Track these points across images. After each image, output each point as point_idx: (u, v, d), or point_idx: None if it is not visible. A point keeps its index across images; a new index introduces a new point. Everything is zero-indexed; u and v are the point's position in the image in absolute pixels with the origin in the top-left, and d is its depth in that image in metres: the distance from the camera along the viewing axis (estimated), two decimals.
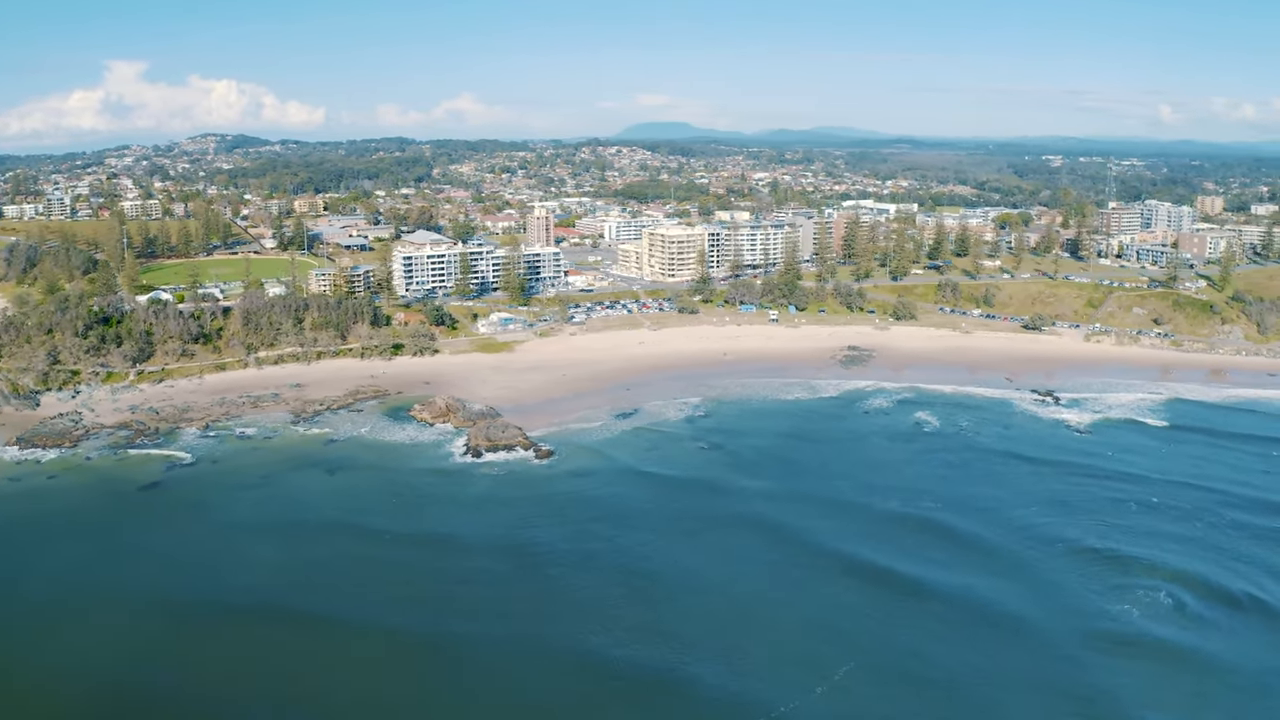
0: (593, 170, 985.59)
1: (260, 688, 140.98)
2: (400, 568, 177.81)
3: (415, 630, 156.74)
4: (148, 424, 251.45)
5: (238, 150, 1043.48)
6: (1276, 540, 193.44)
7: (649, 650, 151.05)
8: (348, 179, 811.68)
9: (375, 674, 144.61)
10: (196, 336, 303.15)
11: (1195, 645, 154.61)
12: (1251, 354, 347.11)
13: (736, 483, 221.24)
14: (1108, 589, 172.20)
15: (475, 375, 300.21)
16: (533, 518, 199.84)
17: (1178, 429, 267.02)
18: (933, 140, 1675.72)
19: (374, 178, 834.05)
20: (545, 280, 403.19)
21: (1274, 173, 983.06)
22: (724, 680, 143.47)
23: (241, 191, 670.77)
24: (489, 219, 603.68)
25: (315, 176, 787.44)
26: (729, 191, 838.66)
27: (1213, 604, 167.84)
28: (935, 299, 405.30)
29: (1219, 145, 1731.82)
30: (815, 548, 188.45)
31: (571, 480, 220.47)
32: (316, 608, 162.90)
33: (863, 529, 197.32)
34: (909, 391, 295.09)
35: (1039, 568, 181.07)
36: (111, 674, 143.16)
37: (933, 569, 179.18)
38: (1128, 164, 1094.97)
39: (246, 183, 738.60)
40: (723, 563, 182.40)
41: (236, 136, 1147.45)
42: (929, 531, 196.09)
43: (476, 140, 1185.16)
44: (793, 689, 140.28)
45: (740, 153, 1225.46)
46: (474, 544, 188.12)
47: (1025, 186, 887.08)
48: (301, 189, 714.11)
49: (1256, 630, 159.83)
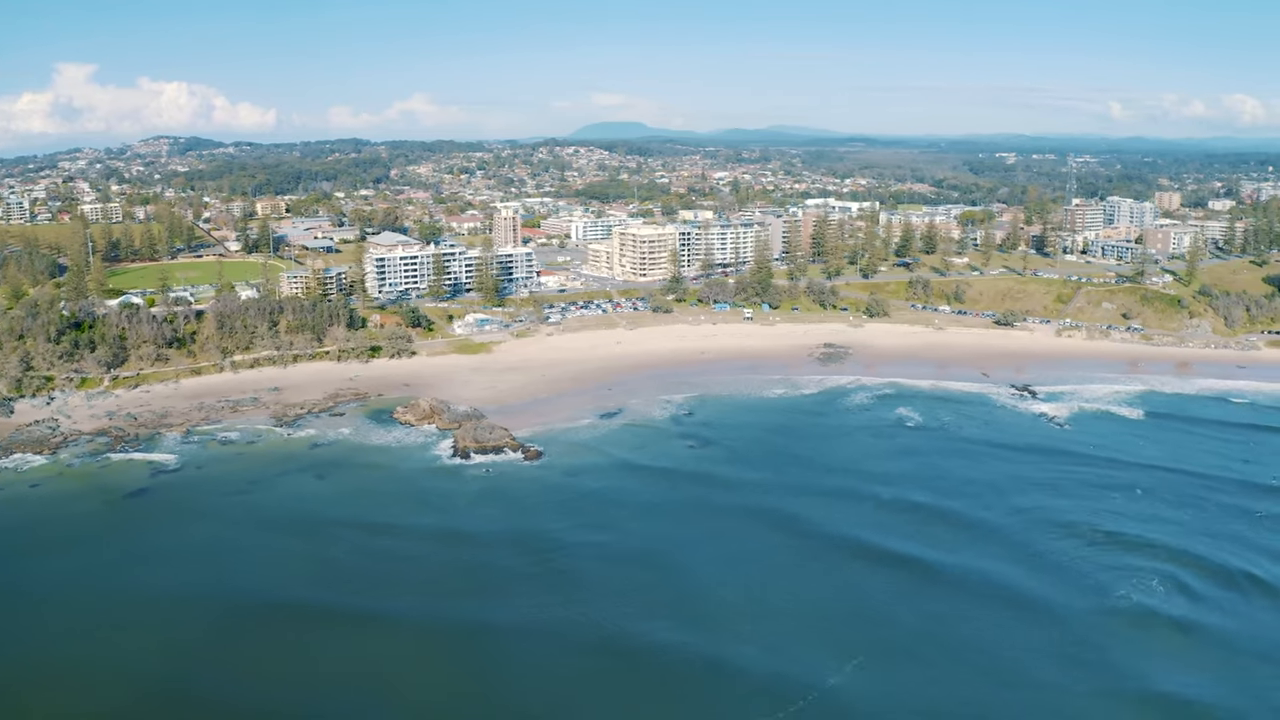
0: (551, 171, 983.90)
1: (302, 682, 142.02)
2: (416, 561, 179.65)
3: (445, 621, 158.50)
4: (127, 430, 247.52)
5: (191, 152, 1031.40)
6: (1264, 521, 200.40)
7: (682, 635, 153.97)
8: (306, 181, 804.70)
9: (410, 664, 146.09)
10: (170, 341, 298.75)
11: (1201, 620, 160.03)
12: (1220, 347, 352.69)
13: (732, 476, 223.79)
14: (1110, 567, 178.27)
15: (455, 377, 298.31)
16: (537, 512, 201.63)
17: (1156, 418, 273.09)
18: (887, 138, 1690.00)
19: (332, 179, 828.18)
20: (518, 281, 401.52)
21: (1226, 169, 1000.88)
22: (760, 661, 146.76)
23: (200, 194, 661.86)
24: (454, 220, 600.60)
25: (273, 178, 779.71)
26: (690, 191, 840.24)
27: (1213, 581, 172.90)
28: (906, 296, 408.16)
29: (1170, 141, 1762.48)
30: (822, 534, 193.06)
31: (567, 478, 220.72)
32: (344, 602, 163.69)
33: (864, 516, 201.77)
34: (888, 387, 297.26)
35: (1040, 548, 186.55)
36: (156, 673, 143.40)
37: (939, 551, 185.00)
38: (1081, 160, 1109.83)
39: (204, 185, 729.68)
40: (734, 550, 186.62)
41: (189, 139, 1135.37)
42: (929, 517, 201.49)
43: (432, 141, 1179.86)
44: (826, 668, 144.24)
45: (697, 152, 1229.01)
46: (485, 538, 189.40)
47: (983, 184, 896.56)
48: (260, 191, 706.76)
49: (1258, 606, 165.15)
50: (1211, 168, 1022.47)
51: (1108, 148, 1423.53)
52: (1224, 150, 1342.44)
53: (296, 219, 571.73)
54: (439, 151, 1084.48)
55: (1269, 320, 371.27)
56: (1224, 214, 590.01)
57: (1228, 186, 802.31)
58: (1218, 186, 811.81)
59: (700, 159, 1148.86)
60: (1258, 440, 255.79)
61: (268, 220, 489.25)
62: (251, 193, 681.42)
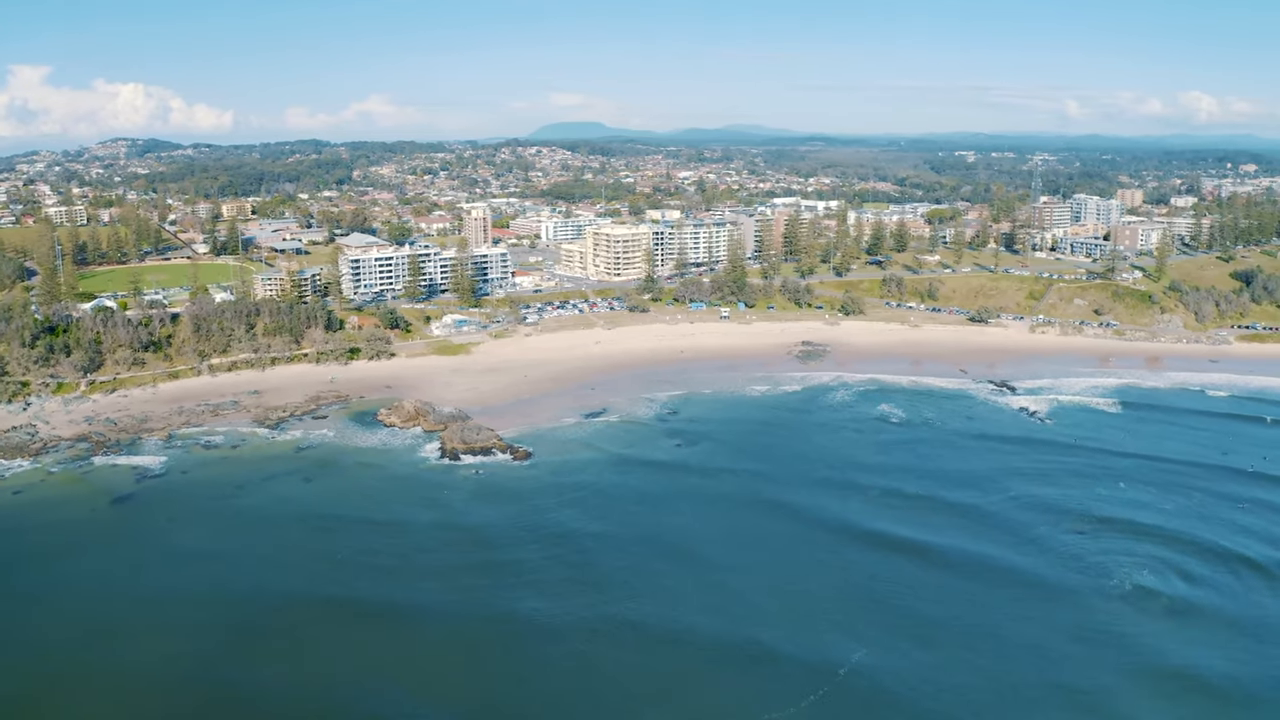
0: (515, 171, 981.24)
1: (339, 675, 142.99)
2: (427, 556, 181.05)
3: (470, 612, 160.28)
4: (107, 435, 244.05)
5: (150, 154, 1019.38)
6: (1248, 505, 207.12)
7: (706, 619, 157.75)
8: (268, 182, 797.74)
9: (443, 655, 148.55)
10: (147, 344, 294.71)
11: (1200, 599, 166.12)
12: (1192, 342, 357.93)
13: (727, 470, 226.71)
14: (1107, 551, 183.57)
15: (436, 378, 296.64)
16: (539, 506, 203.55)
17: (1134, 411, 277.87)
18: (846, 137, 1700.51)
19: (295, 181, 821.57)
20: (493, 281, 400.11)
21: (1185, 166, 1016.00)
22: (787, 642, 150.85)
23: (163, 196, 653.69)
24: (423, 221, 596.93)
25: (235, 180, 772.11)
26: (655, 190, 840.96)
27: (1207, 563, 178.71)
28: (880, 294, 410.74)
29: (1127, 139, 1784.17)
30: (824, 522, 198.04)
31: (561, 475, 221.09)
32: (365, 597, 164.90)
33: (863, 504, 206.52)
34: (869, 384, 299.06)
35: (1037, 533, 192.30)
36: (196, 669, 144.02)
37: (941, 536, 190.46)
38: (1041, 158, 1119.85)
39: (165, 187, 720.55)
40: (741, 537, 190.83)
41: (148, 141, 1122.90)
42: (926, 505, 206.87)
43: (393, 142, 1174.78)
44: (849, 647, 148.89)
45: (659, 152, 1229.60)
46: (491, 532, 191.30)
47: (946, 183, 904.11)
48: (222, 193, 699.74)
49: (1251, 585, 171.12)
50: (1170, 165, 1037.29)
51: (1065, 146, 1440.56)
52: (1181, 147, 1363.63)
53: (263, 221, 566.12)
54: (400, 152, 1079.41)
55: (1238, 315, 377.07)
56: (1187, 211, 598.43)
57: (1189, 184, 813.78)
58: (1178, 184, 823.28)
59: (662, 159, 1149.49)
60: (1234, 430, 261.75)
61: (235, 222, 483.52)
62: (213, 195, 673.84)
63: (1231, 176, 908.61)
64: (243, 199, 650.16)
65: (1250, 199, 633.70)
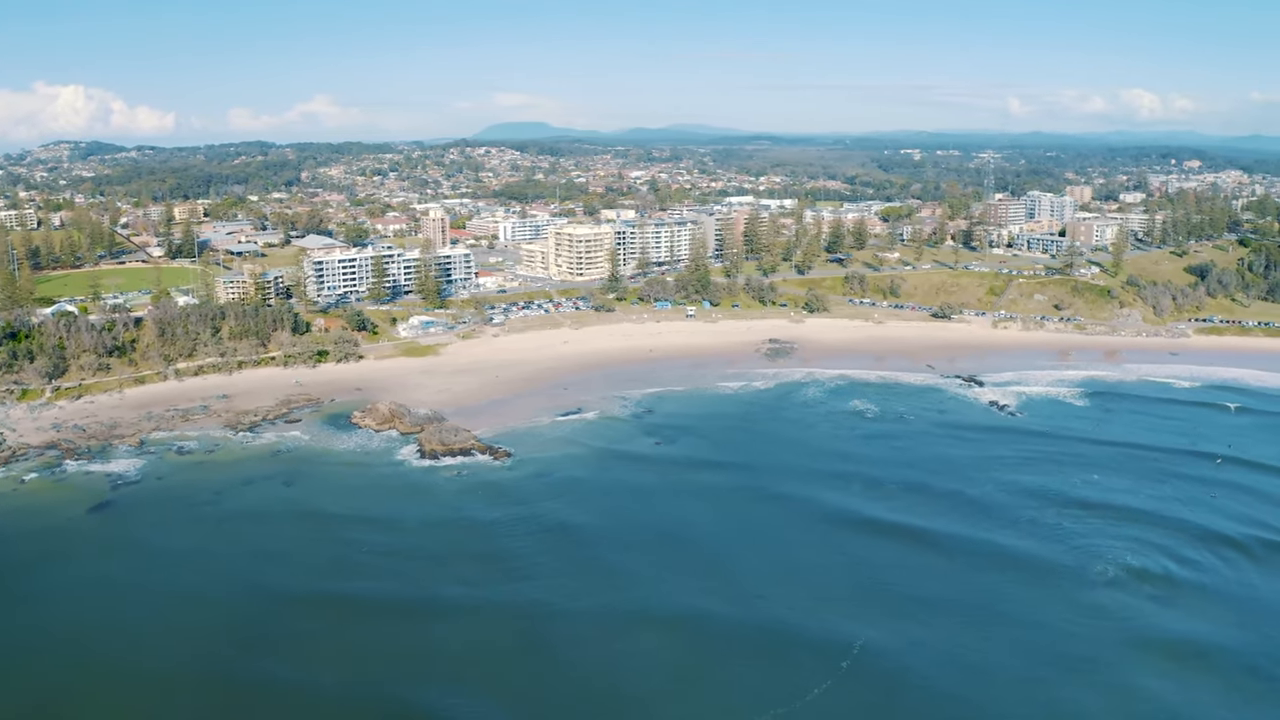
0: (465, 171, 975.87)
1: (374, 668, 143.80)
2: (430, 549, 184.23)
3: (490, 603, 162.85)
4: (76, 442, 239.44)
5: (93, 157, 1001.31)
6: (1220, 487, 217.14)
7: (721, 604, 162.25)
8: (216, 184, 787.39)
9: (473, 645, 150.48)
10: (111, 349, 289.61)
11: (1186, 574, 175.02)
12: (1151, 335, 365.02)
13: (713, 463, 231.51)
14: (1094, 531, 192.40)
15: (408, 380, 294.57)
16: (534, 501, 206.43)
17: (1101, 401, 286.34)
18: (792, 136, 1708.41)
19: (243, 183, 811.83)
20: (457, 282, 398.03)
21: (1129, 162, 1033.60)
22: (800, 623, 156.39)
23: (111, 199, 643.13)
24: (379, 222, 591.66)
25: (182, 183, 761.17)
26: (608, 190, 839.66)
27: (1188, 541, 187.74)
28: (843, 291, 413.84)
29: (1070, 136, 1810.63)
30: (817, 510, 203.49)
31: (546, 473, 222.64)
32: (378, 592, 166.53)
33: (853, 493, 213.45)
34: (840, 380, 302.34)
35: (1026, 516, 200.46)
36: (215, 667, 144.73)
37: (933, 521, 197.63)
38: (986, 156, 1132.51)
39: (113, 190, 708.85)
40: (740, 528, 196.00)
41: (90, 143, 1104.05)
42: (914, 492, 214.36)
43: (340, 143, 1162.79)
44: (859, 627, 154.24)
45: (607, 152, 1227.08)
46: (492, 525, 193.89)
47: (895, 181, 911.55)
48: (170, 195, 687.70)
49: (1229, 560, 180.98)
50: (1114, 162, 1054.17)
51: (1009, 143, 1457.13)
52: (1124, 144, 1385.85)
53: (216, 223, 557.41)
54: (347, 153, 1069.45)
55: (1194, 309, 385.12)
56: (1137, 207, 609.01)
57: (1135, 180, 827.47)
58: (1124, 180, 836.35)
59: (611, 159, 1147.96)
60: (1200, 418, 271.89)
61: (190, 225, 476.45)
62: (161, 197, 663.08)
63: (1176, 172, 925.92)
64: (194, 201, 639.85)
65: (1198, 195, 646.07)
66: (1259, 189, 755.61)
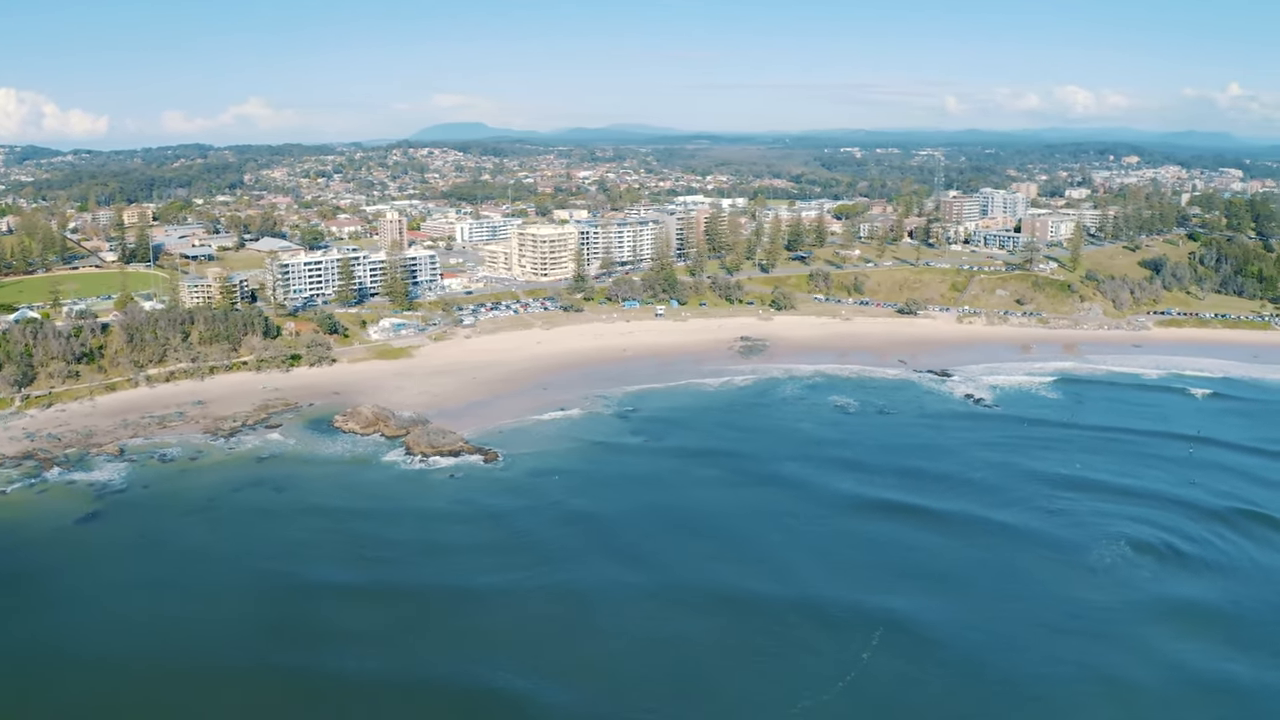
0: (410, 173, 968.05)
1: (421, 657, 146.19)
2: (452, 540, 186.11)
3: (527, 589, 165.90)
4: (53, 452, 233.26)
5: (29, 161, 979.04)
6: (1204, 466, 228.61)
7: (763, 583, 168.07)
8: (159, 188, 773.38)
9: (517, 629, 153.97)
10: (80, 356, 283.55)
11: (1180, 543, 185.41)
12: (1113, 328, 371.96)
13: (706, 453, 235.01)
14: (1089, 507, 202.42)
15: (385, 383, 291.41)
16: (541, 493, 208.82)
17: (1074, 390, 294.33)
18: (731, 135, 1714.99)
19: (186, 186, 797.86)
20: (423, 284, 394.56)
21: (1067, 158, 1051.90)
22: (829, 597, 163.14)
23: (60, 204, 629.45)
24: (332, 225, 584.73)
25: (125, 186, 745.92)
26: (557, 190, 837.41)
27: (1179, 513, 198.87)
28: (808, 288, 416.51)
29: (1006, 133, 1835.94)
30: (822, 494, 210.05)
31: (543, 470, 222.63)
32: (414, 581, 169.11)
33: (855, 477, 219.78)
34: (816, 376, 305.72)
35: (1024, 495, 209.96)
36: (266, 658, 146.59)
37: (938, 501, 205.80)
38: (926, 154, 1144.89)
39: (54, 195, 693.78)
40: (750, 511, 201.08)
41: (26, 147, 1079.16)
42: (912, 475, 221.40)
43: (280, 145, 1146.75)
44: (885, 599, 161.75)
45: (549, 152, 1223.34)
46: (517, 519, 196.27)
47: (841, 179, 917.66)
48: (112, 200, 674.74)
49: (1212, 530, 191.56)
50: (1054, 158, 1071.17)
51: (946, 140, 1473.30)
52: (1060, 141, 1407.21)
53: (168, 227, 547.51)
54: (288, 155, 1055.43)
55: (1152, 302, 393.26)
56: (1084, 202, 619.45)
57: (1075, 176, 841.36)
58: (1064, 176, 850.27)
59: (554, 158, 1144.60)
60: (1169, 404, 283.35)
61: (145, 229, 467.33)
62: (106, 201, 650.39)
63: (1115, 168, 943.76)
64: (142, 205, 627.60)
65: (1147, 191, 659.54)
66: (1199, 184, 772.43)
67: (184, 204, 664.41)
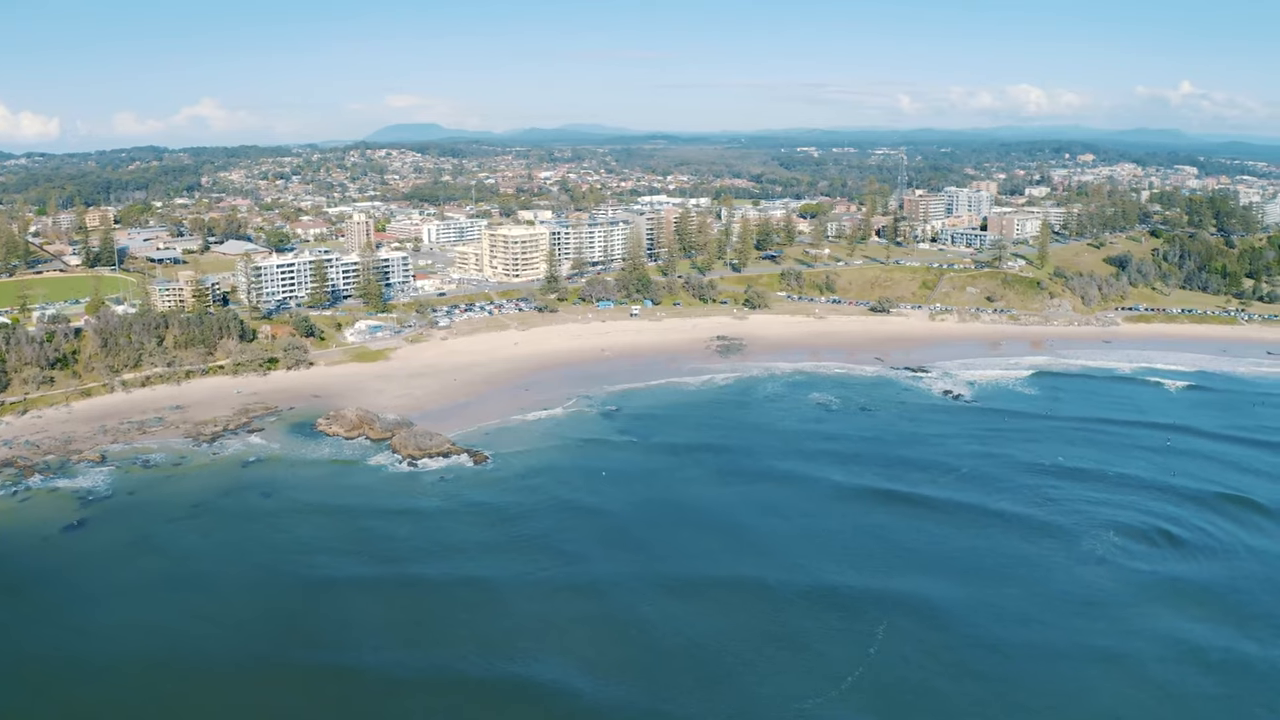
0: (370, 174, 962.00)
1: (457, 648, 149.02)
2: (463, 538, 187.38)
3: (551, 583, 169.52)
4: (31, 459, 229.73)
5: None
6: (1185, 453, 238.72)
7: (776, 571, 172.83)
8: (116, 191, 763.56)
9: (552, 621, 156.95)
10: (53, 362, 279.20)
11: (1167, 525, 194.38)
12: (1083, 324, 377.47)
13: (697, 449, 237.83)
14: (1079, 493, 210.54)
15: (365, 385, 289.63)
16: (542, 490, 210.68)
17: (1049, 386, 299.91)
18: (687, 135, 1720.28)
19: (143, 189, 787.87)
20: (395, 285, 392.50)
21: (1023, 157, 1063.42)
22: (844, 581, 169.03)
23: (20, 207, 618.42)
24: (298, 227, 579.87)
25: (82, 189, 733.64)
26: (519, 191, 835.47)
27: (1166, 498, 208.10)
28: (780, 287, 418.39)
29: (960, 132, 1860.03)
30: (821, 485, 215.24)
31: (541, 468, 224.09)
32: (445, 575, 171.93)
33: (848, 470, 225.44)
34: (796, 374, 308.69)
35: (1016, 482, 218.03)
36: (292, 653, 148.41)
37: (933, 490, 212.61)
38: (882, 152, 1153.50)
39: (11, 198, 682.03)
40: (756, 502, 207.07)
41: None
42: (903, 466, 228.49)
43: (236, 147, 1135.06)
44: (899, 581, 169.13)
45: (507, 153, 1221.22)
46: (523, 513, 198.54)
47: (802, 178, 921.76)
48: (69, 203, 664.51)
49: (1208, 515, 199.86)
50: (1009, 156, 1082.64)
51: (901, 139, 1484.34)
52: (1014, 139, 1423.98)
53: (131, 230, 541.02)
54: (244, 157, 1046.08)
55: (1119, 298, 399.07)
56: (1045, 200, 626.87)
57: (1040, 174, 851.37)
58: (1022, 175, 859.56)
59: (512, 159, 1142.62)
60: (1143, 395, 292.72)
61: (109, 233, 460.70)
62: (65, 204, 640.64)
63: (1071, 166, 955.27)
64: (104, 208, 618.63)
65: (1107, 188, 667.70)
66: (1155, 181, 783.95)
67: (144, 207, 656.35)
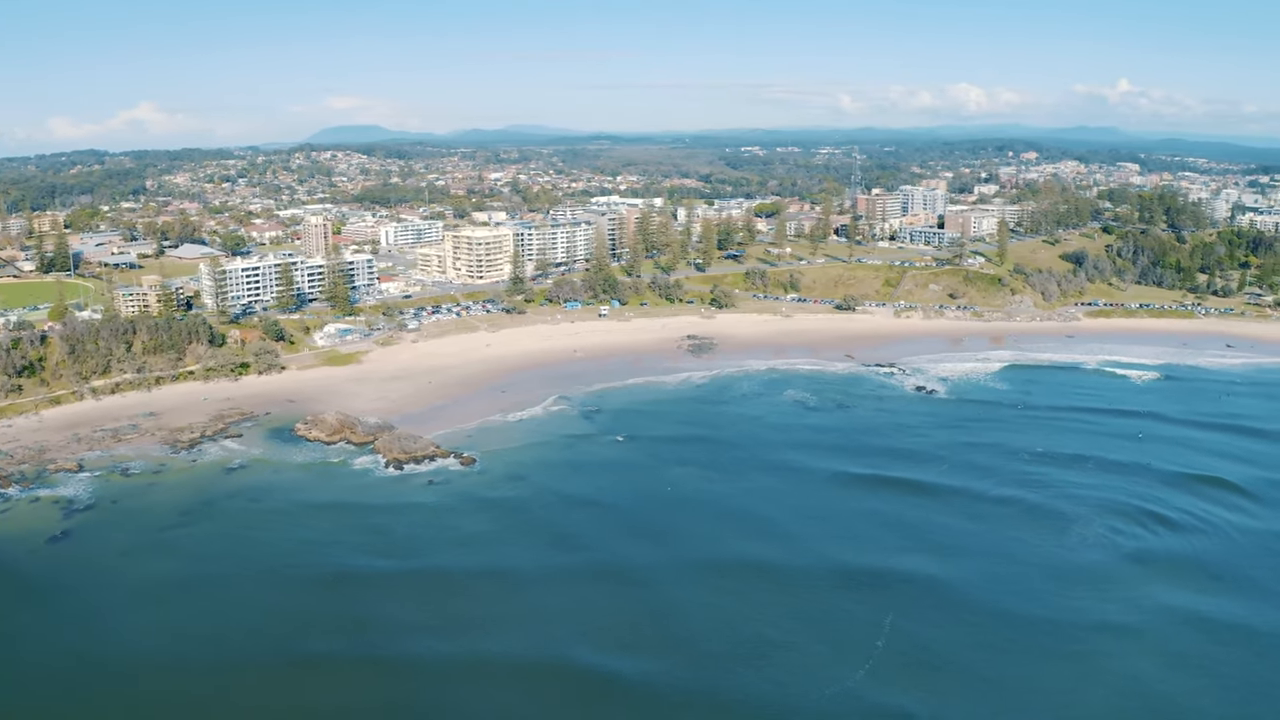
0: (318, 177, 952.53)
1: (488, 634, 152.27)
2: (471, 532, 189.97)
3: (578, 567, 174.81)
4: (6, 469, 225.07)
5: None
6: (1163, 440, 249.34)
7: (788, 553, 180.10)
8: (61, 195, 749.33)
9: (583, 606, 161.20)
10: (20, 369, 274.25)
11: (1151, 506, 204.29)
12: (1045, 319, 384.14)
13: (687, 441, 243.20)
14: (1066, 478, 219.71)
15: (340, 389, 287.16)
16: (542, 485, 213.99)
17: (1018, 379, 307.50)
18: (631, 135, 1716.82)
19: (88, 193, 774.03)
20: (361, 288, 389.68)
21: (967, 155, 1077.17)
22: (859, 561, 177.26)
23: None
24: (252, 230, 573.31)
25: (26, 194, 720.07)
26: (470, 192, 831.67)
27: (1151, 480, 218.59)
28: (745, 286, 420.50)
29: (902, 131, 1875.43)
30: (816, 473, 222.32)
31: (534, 466, 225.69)
32: (468, 566, 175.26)
33: (839, 458, 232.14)
34: (769, 372, 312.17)
35: (1005, 467, 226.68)
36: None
37: (925, 476, 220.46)
38: (826, 152, 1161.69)
39: None
40: (755, 490, 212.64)
41: None
42: (891, 455, 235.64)
43: (178, 149, 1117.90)
44: (913, 562, 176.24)
45: (453, 154, 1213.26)
46: (526, 506, 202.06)
47: (751, 178, 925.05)
48: (14, 208, 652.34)
49: (1172, 491, 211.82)
50: (954, 155, 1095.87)
51: (844, 139, 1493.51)
52: (957, 137, 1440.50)
53: (84, 235, 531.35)
54: (188, 160, 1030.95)
55: (1078, 294, 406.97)
56: (994, 198, 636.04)
57: (987, 172, 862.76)
58: (968, 173, 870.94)
59: (458, 160, 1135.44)
60: (1111, 386, 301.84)
61: (62, 237, 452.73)
62: (8, 209, 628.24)
63: (1015, 164, 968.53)
64: (54, 213, 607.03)
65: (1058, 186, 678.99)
66: (1099, 178, 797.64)
67: (93, 211, 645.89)
